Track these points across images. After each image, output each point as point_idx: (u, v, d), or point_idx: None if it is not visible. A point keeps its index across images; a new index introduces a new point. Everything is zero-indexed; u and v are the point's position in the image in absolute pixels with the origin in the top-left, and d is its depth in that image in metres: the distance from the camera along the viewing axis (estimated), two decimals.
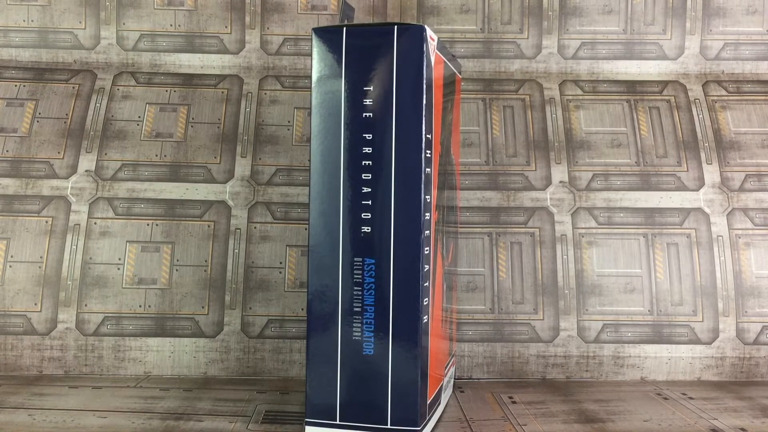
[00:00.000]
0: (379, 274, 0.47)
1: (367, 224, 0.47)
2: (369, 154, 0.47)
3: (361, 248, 0.47)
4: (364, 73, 0.47)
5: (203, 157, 0.70)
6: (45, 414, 0.54)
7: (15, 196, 0.68)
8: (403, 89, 0.46)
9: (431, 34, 0.47)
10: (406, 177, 0.46)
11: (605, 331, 0.66)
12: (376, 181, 0.46)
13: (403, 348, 0.46)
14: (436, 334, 0.50)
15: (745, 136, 0.72)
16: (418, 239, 0.46)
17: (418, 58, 0.46)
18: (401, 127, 0.46)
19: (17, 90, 0.73)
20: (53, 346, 0.65)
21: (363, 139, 0.47)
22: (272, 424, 0.53)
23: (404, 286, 0.46)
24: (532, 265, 0.67)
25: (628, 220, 0.68)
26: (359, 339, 0.47)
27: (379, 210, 0.46)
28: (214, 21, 0.75)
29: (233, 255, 0.67)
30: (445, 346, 0.55)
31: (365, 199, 0.47)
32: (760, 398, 0.60)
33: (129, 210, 0.68)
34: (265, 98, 0.73)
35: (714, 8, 0.76)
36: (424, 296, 0.47)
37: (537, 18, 0.76)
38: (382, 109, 0.46)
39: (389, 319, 0.46)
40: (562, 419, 0.54)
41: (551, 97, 0.74)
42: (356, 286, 0.47)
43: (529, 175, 0.70)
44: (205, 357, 0.65)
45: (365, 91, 0.47)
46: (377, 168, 0.46)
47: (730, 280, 0.67)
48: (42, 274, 0.66)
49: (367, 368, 0.47)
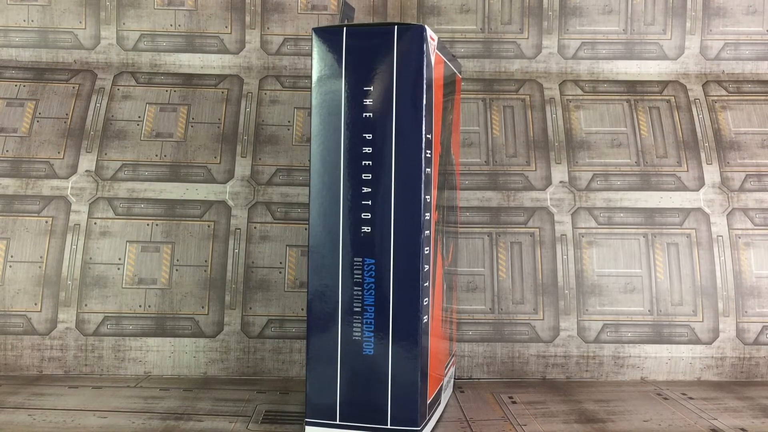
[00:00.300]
0: (379, 274, 0.46)
1: (367, 224, 0.47)
2: (369, 154, 0.47)
3: (361, 248, 0.47)
4: (365, 73, 0.47)
5: (203, 157, 0.70)
6: (45, 414, 0.54)
7: (15, 196, 0.68)
8: (403, 89, 0.46)
9: (431, 34, 0.47)
10: (406, 177, 0.46)
11: (605, 331, 0.66)
12: (376, 181, 0.46)
13: (403, 348, 0.46)
14: (436, 334, 0.50)
15: (745, 136, 0.72)
16: (418, 239, 0.46)
17: (419, 59, 0.46)
18: (401, 127, 0.46)
19: (17, 90, 0.73)
20: (53, 346, 0.65)
21: (363, 139, 0.47)
22: (272, 424, 0.53)
23: (404, 286, 0.46)
24: (532, 265, 0.67)
25: (628, 220, 0.68)
26: (359, 339, 0.47)
27: (379, 210, 0.46)
28: (214, 21, 0.75)
29: (233, 255, 0.67)
30: (445, 346, 0.55)
31: (365, 199, 0.47)
32: (760, 398, 0.60)
33: (129, 210, 0.68)
34: (265, 98, 0.73)
35: (714, 8, 0.76)
36: (424, 296, 0.47)
37: (537, 18, 0.76)
38: (382, 109, 0.46)
39: (389, 319, 0.46)
40: (562, 419, 0.54)
41: (551, 97, 0.74)
42: (356, 286, 0.47)
43: (529, 175, 0.70)
44: (205, 357, 0.65)
45: (365, 91, 0.47)
46: (377, 168, 0.46)
47: (730, 280, 0.67)
48: (42, 274, 0.66)
49: (367, 368, 0.47)
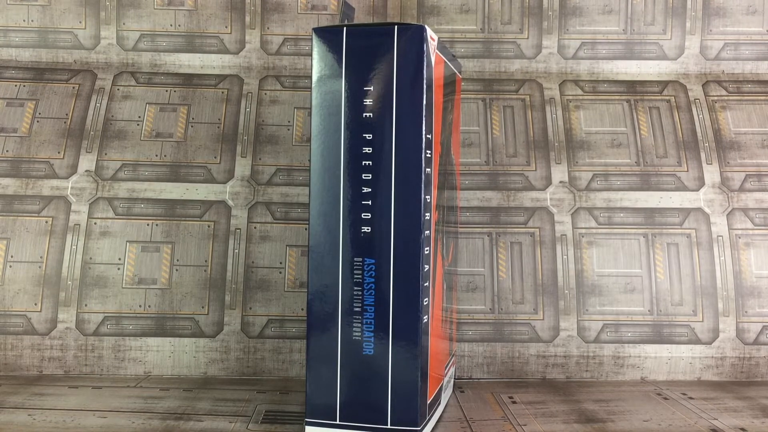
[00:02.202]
0: (379, 274, 0.46)
1: (367, 224, 0.47)
2: (369, 154, 0.47)
3: (361, 248, 0.47)
4: (365, 73, 0.47)
5: (203, 157, 0.70)
6: (45, 414, 0.54)
7: (15, 196, 0.68)
8: (403, 89, 0.46)
9: (431, 34, 0.47)
10: (406, 177, 0.46)
11: (605, 331, 0.66)
12: (376, 181, 0.46)
13: (403, 348, 0.46)
14: (436, 334, 0.50)
15: (745, 136, 0.72)
16: (418, 239, 0.46)
17: (419, 59, 0.46)
18: (401, 127, 0.46)
19: (17, 90, 0.73)
20: (53, 346, 0.65)
21: (363, 140, 0.47)
22: (272, 424, 0.53)
23: (404, 286, 0.46)
24: (532, 265, 0.67)
25: (628, 220, 0.68)
26: (359, 339, 0.47)
27: (379, 210, 0.46)
28: (214, 21, 0.75)
29: (233, 255, 0.67)
30: (445, 346, 0.55)
31: (365, 199, 0.47)
32: (760, 398, 0.60)
33: (129, 210, 0.68)
34: (265, 98, 0.73)
35: (714, 8, 0.76)
36: (424, 296, 0.47)
37: (537, 18, 0.76)
38: (382, 109, 0.46)
39: (389, 319, 0.46)
40: (562, 419, 0.54)
41: (551, 97, 0.74)
42: (356, 286, 0.47)
43: (529, 175, 0.70)
44: (205, 357, 0.65)
45: (365, 91, 0.47)
46: (377, 168, 0.46)
47: (730, 280, 0.67)
48: (42, 274, 0.66)
49: (367, 368, 0.47)
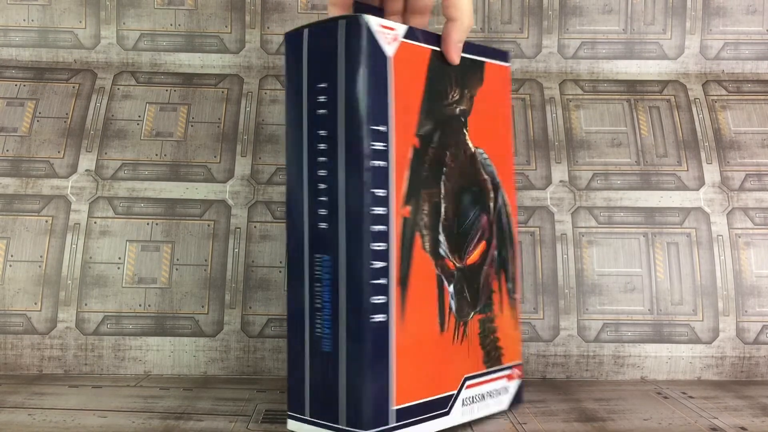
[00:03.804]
0: (333, 270, 0.46)
1: (324, 220, 0.47)
2: (324, 151, 0.47)
3: (319, 245, 0.47)
4: (319, 70, 0.47)
5: (203, 157, 0.70)
6: (45, 414, 0.54)
7: (15, 195, 0.68)
8: (349, 83, 0.46)
9: (389, 23, 0.46)
10: (352, 171, 0.46)
11: (605, 330, 0.66)
12: (331, 177, 0.46)
13: (353, 347, 0.46)
14: (417, 338, 0.48)
15: (745, 136, 0.72)
16: (361, 234, 0.45)
17: (359, 50, 0.45)
18: (349, 120, 0.46)
19: (17, 89, 0.73)
20: (53, 345, 0.65)
21: (318, 136, 0.47)
22: (272, 423, 0.53)
23: (351, 282, 0.46)
24: (532, 264, 0.67)
25: (629, 220, 0.68)
26: (320, 335, 0.47)
27: (332, 206, 0.46)
28: (214, 20, 0.75)
29: (233, 254, 0.67)
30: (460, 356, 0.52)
31: (321, 196, 0.47)
32: (760, 397, 0.60)
33: (129, 209, 0.68)
34: (265, 97, 0.73)
35: (714, 8, 0.76)
36: (376, 294, 0.46)
37: (537, 17, 0.76)
38: (332, 104, 0.46)
39: (343, 317, 0.46)
40: (562, 418, 0.54)
41: (551, 97, 0.74)
42: (317, 282, 0.47)
43: (530, 174, 0.70)
44: (205, 356, 0.65)
45: (320, 89, 0.47)
46: (331, 164, 0.46)
47: (730, 279, 0.67)
48: (42, 274, 0.66)
49: (327, 365, 0.47)
